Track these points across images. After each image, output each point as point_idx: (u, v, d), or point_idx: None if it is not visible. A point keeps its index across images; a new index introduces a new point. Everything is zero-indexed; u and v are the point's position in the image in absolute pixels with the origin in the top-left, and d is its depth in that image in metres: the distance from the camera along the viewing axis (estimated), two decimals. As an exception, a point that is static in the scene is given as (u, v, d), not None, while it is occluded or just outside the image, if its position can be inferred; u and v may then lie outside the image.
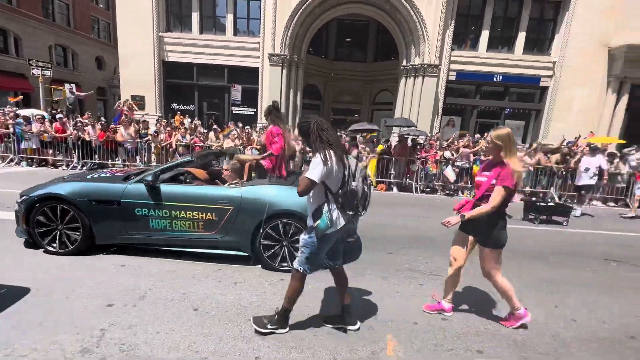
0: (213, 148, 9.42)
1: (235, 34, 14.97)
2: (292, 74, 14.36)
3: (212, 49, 14.73)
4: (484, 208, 2.54)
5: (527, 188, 9.21)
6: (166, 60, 14.93)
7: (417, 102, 13.89)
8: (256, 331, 2.51)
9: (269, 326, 2.52)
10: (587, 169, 7.40)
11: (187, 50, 14.82)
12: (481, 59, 14.32)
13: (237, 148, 9.35)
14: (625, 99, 13.52)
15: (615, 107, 13.56)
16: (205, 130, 11.27)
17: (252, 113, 15.22)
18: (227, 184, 3.93)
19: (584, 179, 7.47)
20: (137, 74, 14.51)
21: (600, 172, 7.50)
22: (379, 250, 4.54)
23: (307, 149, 9.72)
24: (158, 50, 14.53)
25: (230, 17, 14.73)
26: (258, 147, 7.50)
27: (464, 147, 9.51)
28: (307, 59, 15.55)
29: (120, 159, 9.59)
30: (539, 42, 14.50)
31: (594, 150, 7.69)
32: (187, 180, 4.15)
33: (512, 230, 5.99)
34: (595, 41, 13.34)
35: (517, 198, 7.86)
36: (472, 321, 2.92)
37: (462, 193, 9.39)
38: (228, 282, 3.35)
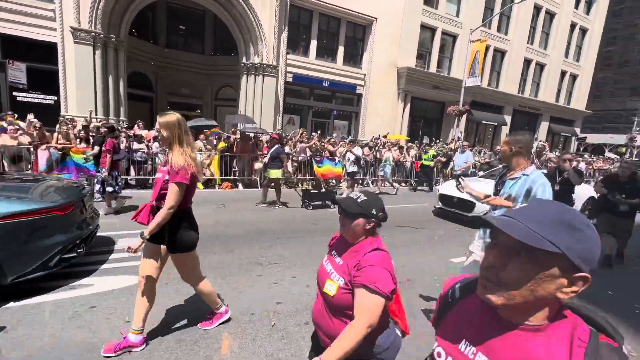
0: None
1: (11, -9, 11.00)
2: (109, 57, 11.89)
3: (-33, 7, 10.31)
4: (159, 215, 2.16)
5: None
6: None
7: (260, 100, 14.31)
8: None
9: None
10: (349, 159, 9.33)
11: None
12: (312, 65, 16.14)
13: None
14: (408, 108, 18.44)
15: (403, 113, 18.29)
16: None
17: (52, 102, 11.71)
18: None
19: (350, 167, 9.37)
20: None
21: (358, 160, 9.47)
22: (220, 250, 4.47)
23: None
24: None
25: (-1, -33, 10.68)
26: (58, 145, 5.86)
27: (300, 142, 10.55)
28: (130, 42, 13.27)
29: None
30: (354, 57, 17.66)
31: (354, 143, 9.83)
32: None
33: (295, 214, 7.05)
34: (389, 62, 17.46)
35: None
36: (302, 299, 3.32)
37: (302, 185, 10.42)
38: None
